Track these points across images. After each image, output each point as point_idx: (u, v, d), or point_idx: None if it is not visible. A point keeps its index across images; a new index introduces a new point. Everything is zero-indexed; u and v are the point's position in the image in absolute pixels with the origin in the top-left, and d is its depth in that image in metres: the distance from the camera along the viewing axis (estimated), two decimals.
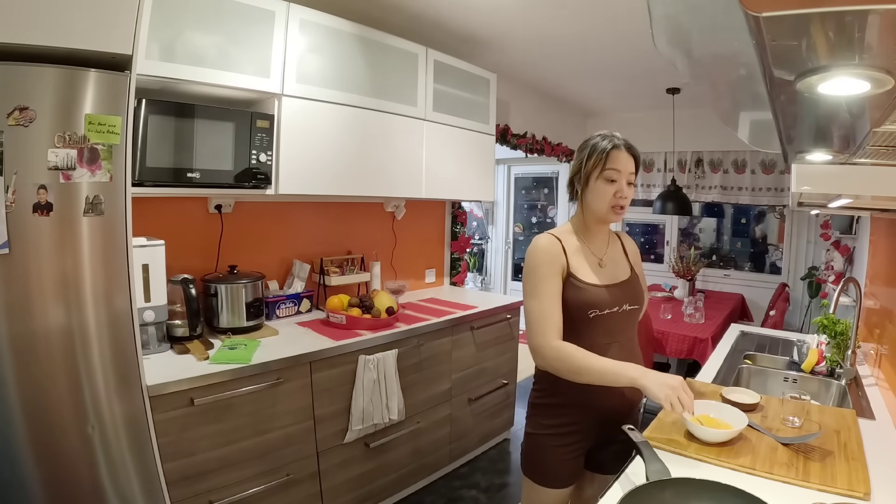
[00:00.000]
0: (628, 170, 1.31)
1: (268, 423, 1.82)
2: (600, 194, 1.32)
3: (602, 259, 1.38)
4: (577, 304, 1.30)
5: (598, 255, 1.38)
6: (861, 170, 1.13)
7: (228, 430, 1.71)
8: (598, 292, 1.32)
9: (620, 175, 1.30)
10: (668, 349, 3.11)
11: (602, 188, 1.32)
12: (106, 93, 1.31)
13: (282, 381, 1.83)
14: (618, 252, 1.45)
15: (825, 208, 1.84)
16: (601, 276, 1.35)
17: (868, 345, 2.04)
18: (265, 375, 1.79)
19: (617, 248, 1.46)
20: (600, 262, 1.38)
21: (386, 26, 2.46)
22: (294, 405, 1.90)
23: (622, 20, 2.48)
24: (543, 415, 1.36)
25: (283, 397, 1.86)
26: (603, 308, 1.31)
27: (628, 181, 1.32)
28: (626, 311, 1.36)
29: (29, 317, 1.24)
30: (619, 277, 1.39)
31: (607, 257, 1.40)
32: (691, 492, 0.97)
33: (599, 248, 1.40)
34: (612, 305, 1.33)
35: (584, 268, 1.34)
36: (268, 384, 1.79)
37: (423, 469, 2.51)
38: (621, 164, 1.30)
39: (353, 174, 2.36)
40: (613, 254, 1.43)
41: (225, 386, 1.68)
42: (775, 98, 0.70)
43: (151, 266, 1.72)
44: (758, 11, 0.41)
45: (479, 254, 6.16)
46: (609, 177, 1.31)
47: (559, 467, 1.34)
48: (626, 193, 1.32)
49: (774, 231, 4.54)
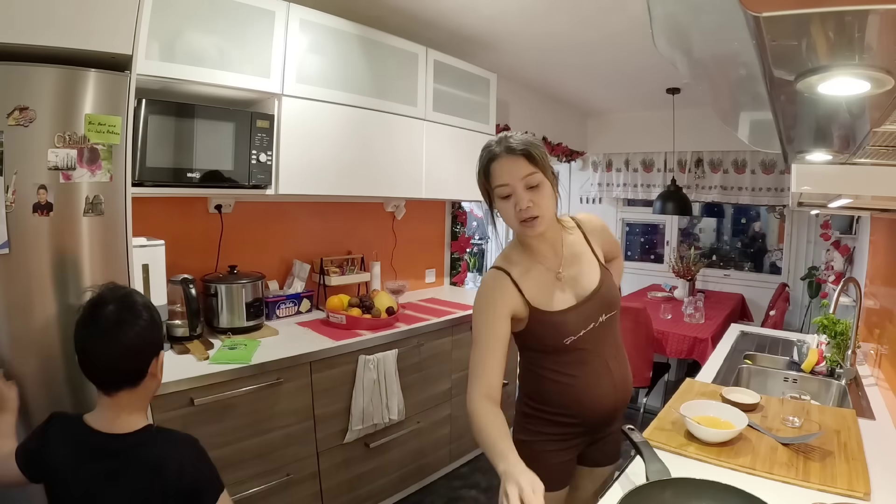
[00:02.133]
0: (520, 175, 1.12)
1: (267, 423, 1.82)
2: (504, 213, 1.17)
3: (559, 271, 1.23)
4: (548, 337, 1.20)
5: (553, 269, 1.23)
6: (861, 170, 1.13)
7: (228, 430, 1.71)
8: (565, 320, 1.19)
9: (512, 186, 1.13)
10: (668, 349, 3.11)
11: (502, 207, 1.17)
12: (106, 93, 1.31)
13: (282, 381, 1.83)
14: (578, 247, 1.29)
15: (825, 208, 1.84)
16: (565, 296, 1.21)
17: (868, 345, 2.03)
18: (265, 375, 1.79)
19: (576, 241, 1.29)
20: (557, 276, 1.23)
21: (386, 26, 2.46)
22: (294, 405, 1.90)
23: (622, 20, 2.48)
24: (536, 423, 1.28)
25: (283, 397, 1.86)
26: (577, 332, 1.20)
27: (527, 185, 1.13)
28: (603, 322, 1.24)
29: (29, 317, 1.24)
30: (587, 288, 1.23)
31: (566, 265, 1.25)
32: (691, 492, 0.97)
33: (552, 260, 1.24)
34: (586, 325, 1.21)
35: (542, 293, 1.20)
36: (268, 384, 1.79)
37: (423, 469, 2.51)
38: (506, 175, 1.13)
39: (353, 174, 2.35)
40: (572, 255, 1.27)
41: (225, 386, 1.68)
42: (775, 98, 0.70)
43: (151, 266, 1.72)
44: (758, 11, 0.41)
45: (479, 254, 6.15)
46: (500, 194, 1.15)
47: (554, 470, 1.27)
48: (527, 203, 1.12)
49: (774, 231, 4.54)
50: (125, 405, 1.06)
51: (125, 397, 1.06)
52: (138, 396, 1.08)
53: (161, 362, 1.13)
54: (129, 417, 1.06)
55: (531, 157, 1.13)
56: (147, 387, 1.10)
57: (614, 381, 1.26)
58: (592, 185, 5.06)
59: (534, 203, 1.13)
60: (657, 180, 4.67)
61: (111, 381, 1.04)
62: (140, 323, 1.06)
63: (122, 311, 1.05)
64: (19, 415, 1.21)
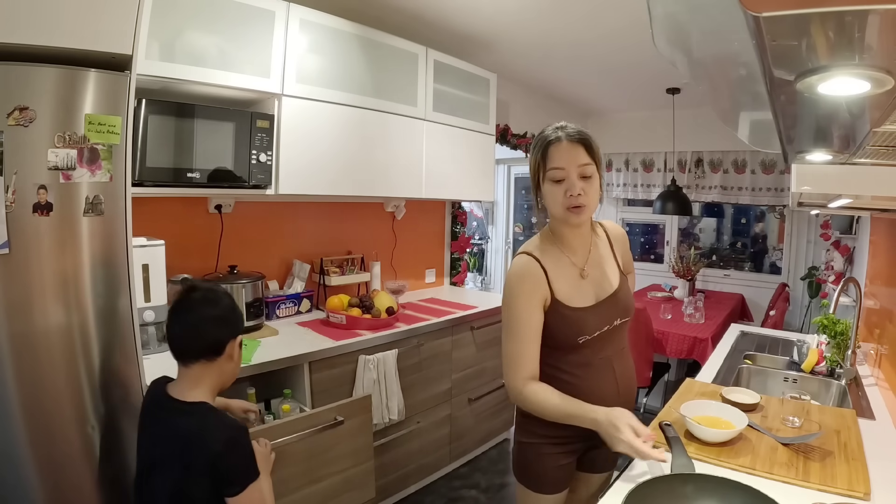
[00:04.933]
0: (576, 162, 1.15)
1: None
2: (551, 197, 1.19)
3: (584, 269, 1.25)
4: (564, 332, 1.21)
5: (579, 265, 1.25)
6: (861, 170, 1.13)
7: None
8: (585, 317, 1.21)
9: (566, 171, 1.15)
10: (668, 349, 3.11)
11: (550, 190, 1.18)
12: (106, 93, 1.31)
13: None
14: (603, 249, 1.32)
15: (825, 208, 1.84)
16: (586, 294, 1.23)
17: (868, 345, 2.03)
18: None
19: (601, 244, 1.33)
20: (582, 273, 1.25)
21: (386, 26, 2.46)
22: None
23: (622, 20, 2.48)
24: (536, 424, 1.25)
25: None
26: (593, 332, 1.21)
27: (581, 175, 1.15)
28: (616, 327, 1.26)
29: (29, 317, 1.24)
30: (607, 290, 1.26)
31: (591, 264, 1.27)
32: (712, 489, 0.98)
33: (580, 256, 1.26)
34: (601, 326, 1.22)
35: (567, 287, 1.22)
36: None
37: (423, 469, 2.51)
38: (563, 159, 1.15)
39: (353, 174, 2.35)
40: (597, 256, 1.30)
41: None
42: (775, 98, 0.70)
43: (151, 266, 1.72)
44: (758, 11, 0.41)
45: (479, 254, 6.15)
46: (553, 177, 1.17)
47: (554, 473, 1.29)
48: (579, 190, 1.15)
49: (774, 231, 4.54)
50: (197, 378, 1.20)
51: (198, 370, 1.20)
52: (211, 373, 1.21)
53: (238, 346, 1.26)
54: (194, 390, 1.19)
55: (590, 147, 1.17)
56: (222, 366, 1.22)
57: (618, 385, 1.27)
58: None
59: (584, 192, 1.15)
60: (657, 180, 4.67)
61: (187, 351, 1.19)
62: (220, 305, 1.24)
63: (207, 293, 1.25)
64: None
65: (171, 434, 1.15)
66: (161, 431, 1.17)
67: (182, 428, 1.14)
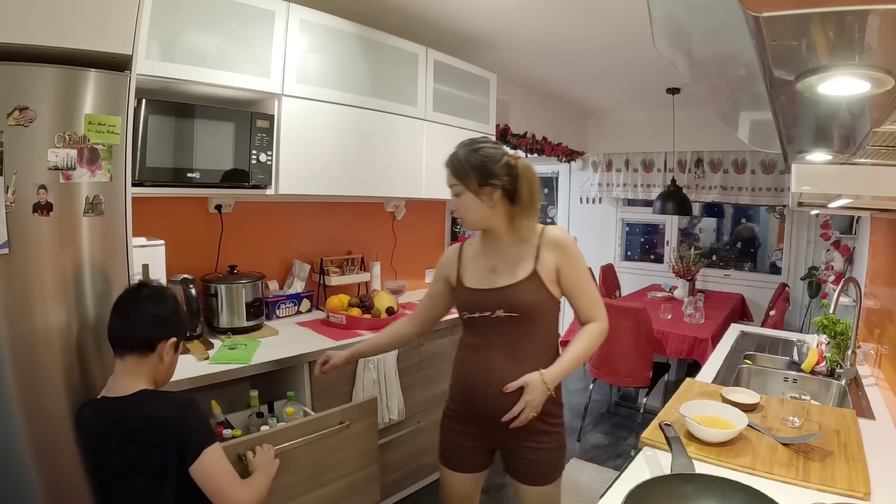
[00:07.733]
0: (448, 183, 1.40)
1: None
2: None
3: (496, 265, 1.39)
4: (458, 305, 1.46)
5: (492, 261, 1.41)
6: (861, 170, 1.13)
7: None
8: (467, 296, 1.41)
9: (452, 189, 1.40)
10: (668, 349, 3.11)
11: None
12: (106, 93, 1.31)
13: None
14: (523, 252, 1.37)
15: (825, 208, 1.84)
16: (483, 281, 1.39)
17: (868, 345, 2.04)
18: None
19: (524, 247, 1.37)
20: (493, 268, 1.39)
21: (386, 26, 2.46)
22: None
23: (622, 20, 2.48)
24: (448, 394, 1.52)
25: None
26: (473, 311, 1.39)
27: (453, 193, 1.39)
28: (499, 318, 1.34)
29: (29, 317, 1.24)
30: (498, 283, 1.36)
31: (502, 260, 1.39)
32: (713, 489, 0.98)
33: (492, 255, 1.41)
34: (481, 310, 1.37)
35: (473, 272, 1.43)
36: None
37: (423, 469, 2.51)
38: (447, 179, 1.41)
39: (353, 174, 2.35)
40: (513, 255, 1.38)
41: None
42: (775, 98, 0.70)
43: (151, 266, 1.72)
44: (758, 11, 0.41)
45: None
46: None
47: (450, 448, 1.48)
48: (454, 206, 1.42)
49: (774, 231, 4.54)
50: (133, 370, 1.20)
51: (133, 363, 1.20)
52: (146, 367, 1.21)
53: (171, 348, 1.24)
54: (132, 382, 1.19)
55: (456, 171, 1.38)
56: (155, 365, 1.22)
57: (488, 380, 1.34)
58: (592, 185, 5.06)
59: (457, 207, 1.40)
60: (657, 180, 4.67)
61: (121, 341, 1.20)
62: (164, 305, 1.24)
63: (155, 291, 1.26)
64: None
65: (133, 428, 1.14)
66: (122, 434, 1.15)
67: (134, 419, 1.14)
